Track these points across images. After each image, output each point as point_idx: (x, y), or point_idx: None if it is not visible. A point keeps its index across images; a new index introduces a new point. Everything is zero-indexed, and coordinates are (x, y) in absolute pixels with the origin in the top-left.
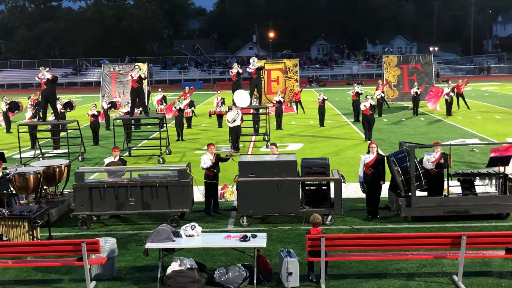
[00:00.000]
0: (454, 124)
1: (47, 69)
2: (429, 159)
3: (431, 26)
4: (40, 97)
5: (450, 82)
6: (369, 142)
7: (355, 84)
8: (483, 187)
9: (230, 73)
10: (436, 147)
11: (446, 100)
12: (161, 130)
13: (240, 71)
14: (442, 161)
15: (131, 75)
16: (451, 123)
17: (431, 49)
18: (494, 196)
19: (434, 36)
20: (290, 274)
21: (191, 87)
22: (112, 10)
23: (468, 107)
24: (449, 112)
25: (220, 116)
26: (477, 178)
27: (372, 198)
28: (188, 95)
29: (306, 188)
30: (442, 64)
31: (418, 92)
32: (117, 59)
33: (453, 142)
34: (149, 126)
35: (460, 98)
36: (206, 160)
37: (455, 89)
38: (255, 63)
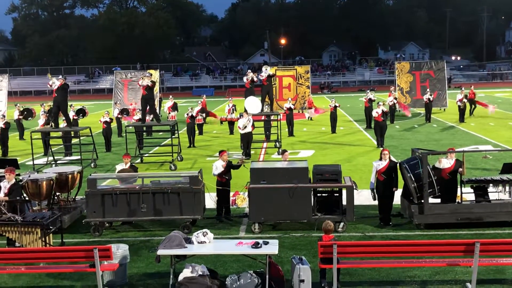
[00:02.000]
0: (467, 131)
1: (60, 76)
2: (446, 166)
3: (444, 32)
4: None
5: (463, 89)
6: (381, 148)
7: (368, 91)
8: (496, 194)
9: (245, 80)
10: (451, 154)
11: (459, 106)
12: (173, 137)
13: (255, 79)
14: (461, 169)
15: (138, 84)
16: (464, 130)
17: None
18: (508, 203)
19: (447, 42)
20: (302, 281)
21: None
22: (124, 17)
23: (471, 113)
24: (462, 119)
25: (231, 123)
26: (491, 185)
27: (384, 205)
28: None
29: (318, 195)
30: (455, 70)
31: (431, 99)
32: (129, 66)
33: (466, 148)
34: (160, 133)
35: (472, 105)
36: (218, 166)
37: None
38: (267, 70)
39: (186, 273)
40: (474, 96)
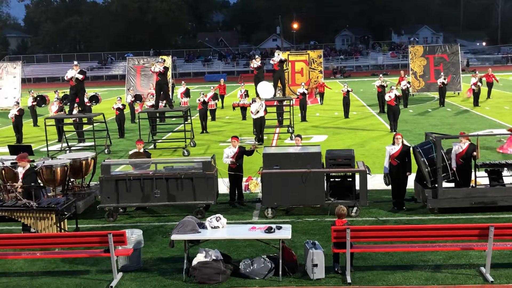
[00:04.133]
0: (482, 115)
1: (75, 62)
2: (457, 150)
3: (458, 15)
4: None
5: (477, 72)
6: (394, 133)
7: (380, 75)
8: (511, 178)
9: (251, 68)
10: (463, 138)
11: (474, 90)
12: (186, 122)
13: (259, 64)
14: (475, 153)
15: (151, 70)
16: (478, 114)
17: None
18: None
19: (461, 25)
20: (315, 265)
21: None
22: (136, 3)
23: (488, 97)
24: (476, 103)
25: (244, 109)
26: (505, 168)
27: (398, 189)
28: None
29: (331, 179)
30: (469, 54)
31: (445, 82)
32: (142, 52)
33: (481, 132)
34: (173, 119)
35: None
36: (229, 153)
37: (484, 78)
38: (279, 55)
39: (199, 257)
40: (492, 79)
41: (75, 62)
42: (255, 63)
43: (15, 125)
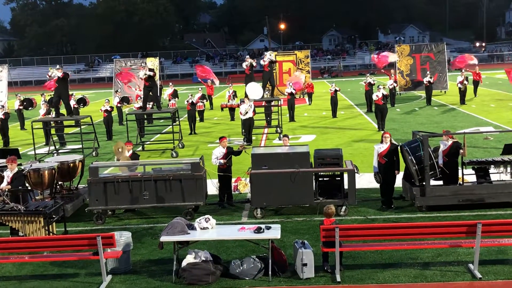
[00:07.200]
0: (468, 113)
1: (57, 66)
2: (442, 148)
3: (443, 14)
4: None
5: (463, 71)
6: (382, 132)
7: (367, 74)
8: (498, 175)
9: (244, 66)
10: (448, 135)
11: (460, 88)
12: (174, 124)
13: (254, 64)
14: (462, 151)
15: (139, 77)
16: (465, 112)
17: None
18: (509, 183)
19: (447, 24)
20: (305, 265)
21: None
22: (122, 5)
23: (474, 95)
24: (462, 101)
25: (232, 109)
26: (492, 166)
27: (386, 188)
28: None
29: (320, 179)
30: (455, 52)
31: (431, 81)
32: (129, 54)
33: (467, 130)
34: (161, 121)
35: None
36: (218, 154)
37: (471, 77)
38: (270, 56)
39: (189, 259)
40: (480, 77)
41: (58, 66)
42: (251, 62)
43: (1, 128)
